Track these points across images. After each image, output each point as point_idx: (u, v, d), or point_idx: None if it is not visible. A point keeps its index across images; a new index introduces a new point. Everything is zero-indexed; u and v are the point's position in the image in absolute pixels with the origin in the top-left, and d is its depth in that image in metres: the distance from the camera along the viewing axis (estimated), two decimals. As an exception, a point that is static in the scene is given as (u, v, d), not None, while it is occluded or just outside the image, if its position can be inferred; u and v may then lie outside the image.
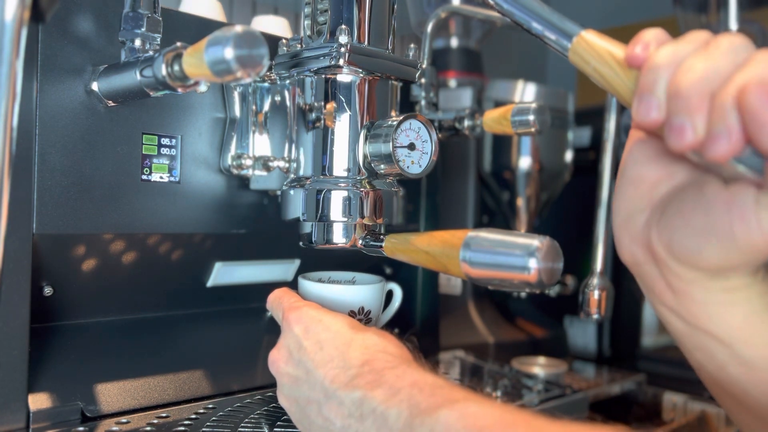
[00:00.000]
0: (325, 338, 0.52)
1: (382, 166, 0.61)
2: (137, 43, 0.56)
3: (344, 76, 0.61)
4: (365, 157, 0.62)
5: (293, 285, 0.69)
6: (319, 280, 0.68)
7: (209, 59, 0.44)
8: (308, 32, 0.63)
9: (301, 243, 0.66)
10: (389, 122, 0.60)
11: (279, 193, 0.68)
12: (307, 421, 0.51)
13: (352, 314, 0.63)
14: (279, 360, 0.55)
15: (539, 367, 0.92)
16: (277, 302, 0.60)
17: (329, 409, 0.49)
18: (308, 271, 0.71)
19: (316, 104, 0.62)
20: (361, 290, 0.65)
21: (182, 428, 0.58)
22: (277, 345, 0.56)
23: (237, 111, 0.68)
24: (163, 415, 0.61)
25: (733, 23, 1.19)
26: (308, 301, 0.60)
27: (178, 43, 0.50)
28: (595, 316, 0.76)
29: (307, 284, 0.65)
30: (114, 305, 0.68)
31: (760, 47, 0.36)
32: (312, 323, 0.53)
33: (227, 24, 0.70)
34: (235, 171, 0.67)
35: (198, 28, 0.65)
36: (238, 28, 0.43)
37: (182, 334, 0.71)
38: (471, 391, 0.45)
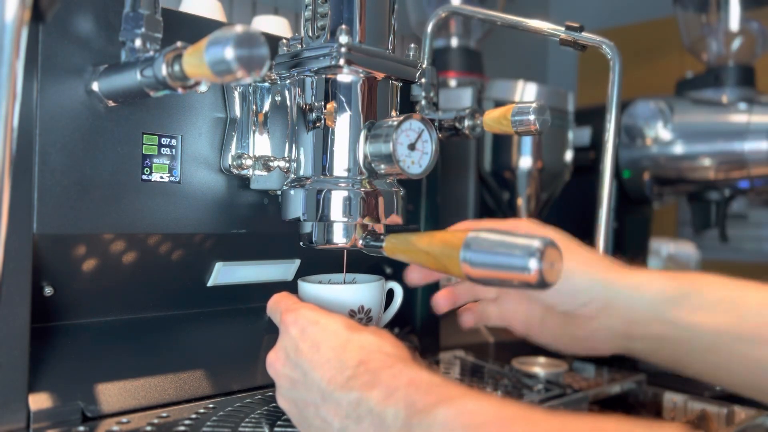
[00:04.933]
0: (321, 339, 0.52)
1: (383, 166, 0.61)
2: (137, 43, 0.56)
3: (344, 76, 0.61)
4: (365, 157, 0.61)
5: (293, 285, 0.69)
6: (319, 283, 0.68)
7: (209, 59, 0.44)
8: (308, 32, 0.63)
9: (301, 243, 0.66)
10: (390, 122, 0.60)
11: (279, 193, 0.68)
12: (306, 422, 0.51)
13: (352, 313, 0.63)
14: (276, 362, 0.54)
15: (539, 366, 0.91)
16: (275, 306, 0.60)
17: (327, 411, 0.49)
18: (308, 272, 0.71)
19: (316, 104, 0.62)
20: (360, 289, 0.65)
21: (182, 428, 0.58)
22: (274, 347, 0.56)
23: (237, 111, 0.68)
24: (164, 414, 0.61)
25: (733, 23, 1.19)
26: (308, 303, 0.60)
27: (179, 43, 0.50)
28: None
29: (306, 286, 0.65)
30: (114, 305, 0.68)
31: (760, 47, 0.37)
32: (308, 325, 0.53)
33: (227, 24, 0.69)
34: (235, 171, 0.67)
35: (198, 28, 0.65)
36: (239, 28, 0.43)
37: (182, 334, 0.71)
38: (468, 387, 0.45)
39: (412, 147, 0.60)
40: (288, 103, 0.66)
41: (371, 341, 0.51)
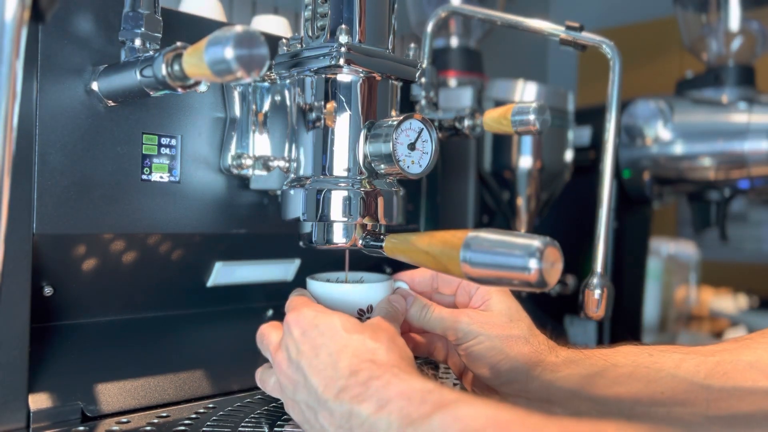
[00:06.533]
0: (320, 344, 0.52)
1: (383, 166, 0.61)
2: (137, 42, 0.56)
3: (344, 76, 0.61)
4: (365, 156, 0.61)
5: (293, 285, 0.69)
6: (327, 281, 0.68)
7: (209, 59, 0.44)
8: (308, 32, 0.63)
9: (301, 243, 0.66)
10: (389, 122, 0.60)
11: (279, 192, 0.67)
12: (307, 424, 0.52)
13: (360, 313, 0.63)
14: (282, 362, 0.55)
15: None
16: (288, 304, 0.60)
17: (323, 417, 0.49)
18: (308, 272, 0.71)
19: (316, 104, 0.62)
20: (368, 289, 0.65)
21: (182, 428, 0.58)
22: (279, 345, 0.56)
23: (237, 111, 0.68)
24: (164, 414, 0.61)
25: (733, 23, 1.19)
26: (316, 301, 0.60)
27: (178, 43, 0.50)
28: (596, 316, 0.76)
29: (314, 284, 0.65)
30: (114, 305, 0.68)
31: (760, 47, 0.37)
32: (309, 327, 0.53)
33: (227, 24, 0.70)
34: (235, 171, 0.67)
35: (198, 28, 0.65)
36: (238, 28, 0.43)
37: (182, 334, 0.71)
38: (462, 392, 0.45)
39: (412, 147, 0.60)
40: (288, 102, 0.66)
41: (366, 347, 0.51)
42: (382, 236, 0.61)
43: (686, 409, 0.53)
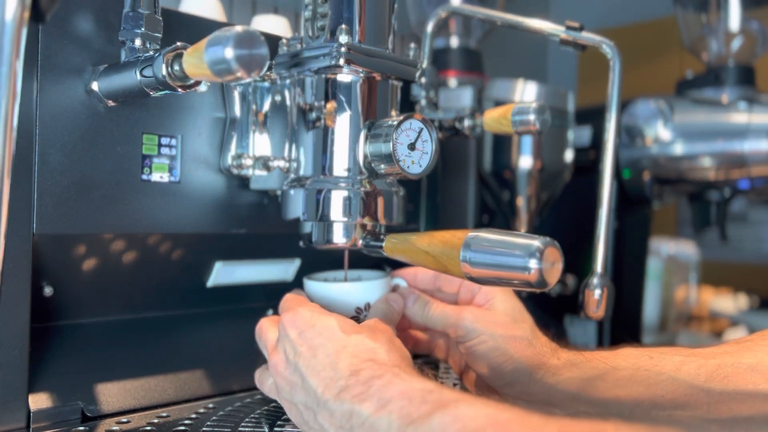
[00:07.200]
0: (318, 344, 0.52)
1: (383, 166, 0.61)
2: (137, 42, 0.56)
3: (344, 76, 0.61)
4: (365, 156, 0.61)
5: (293, 285, 0.69)
6: (325, 280, 0.68)
7: (209, 59, 0.44)
8: (308, 32, 0.63)
9: (301, 243, 0.66)
10: (389, 122, 0.60)
11: (279, 192, 0.68)
12: (306, 425, 0.52)
13: (358, 311, 0.63)
14: (279, 363, 0.55)
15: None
16: (282, 304, 0.60)
17: (323, 418, 0.49)
18: (307, 271, 0.71)
19: (316, 104, 0.62)
20: (364, 287, 0.65)
21: (182, 428, 0.58)
22: (276, 347, 0.56)
23: (237, 111, 0.68)
24: (164, 414, 0.61)
25: (733, 23, 1.19)
26: (313, 301, 0.60)
27: (178, 43, 0.50)
28: (596, 316, 0.76)
29: (311, 284, 0.65)
30: (114, 305, 0.68)
31: (760, 47, 0.37)
32: (306, 328, 0.53)
33: (227, 24, 0.70)
34: (235, 171, 0.67)
35: (198, 28, 0.65)
36: (239, 28, 0.43)
37: (182, 334, 0.71)
38: (462, 392, 0.45)
39: (412, 147, 0.60)
40: (288, 102, 0.66)
41: (365, 347, 0.51)
42: (382, 236, 0.61)
43: (687, 412, 0.53)
